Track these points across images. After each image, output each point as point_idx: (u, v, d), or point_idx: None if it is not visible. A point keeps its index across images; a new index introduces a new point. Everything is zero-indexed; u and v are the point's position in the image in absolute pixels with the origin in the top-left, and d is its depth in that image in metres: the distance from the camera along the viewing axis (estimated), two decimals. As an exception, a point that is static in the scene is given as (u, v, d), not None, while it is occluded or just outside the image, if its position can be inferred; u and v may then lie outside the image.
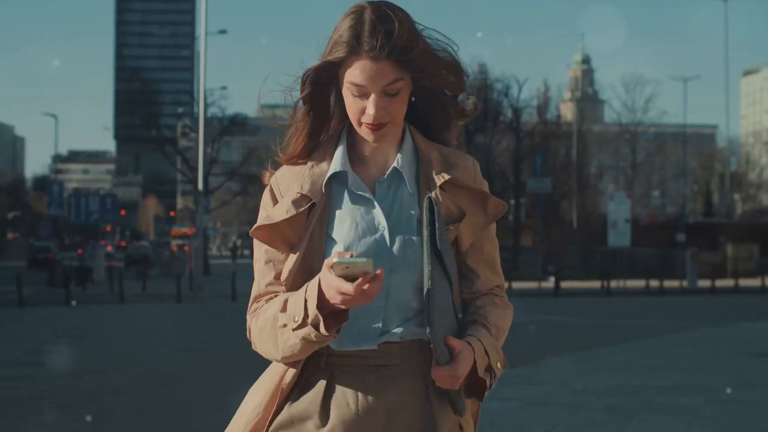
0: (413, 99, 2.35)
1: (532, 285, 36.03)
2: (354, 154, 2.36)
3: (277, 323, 2.23)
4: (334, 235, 2.28)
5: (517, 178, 55.09)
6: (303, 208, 2.27)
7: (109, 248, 57.60)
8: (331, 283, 2.09)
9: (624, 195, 41.84)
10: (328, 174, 2.31)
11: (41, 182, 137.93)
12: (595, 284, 35.91)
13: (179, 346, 15.56)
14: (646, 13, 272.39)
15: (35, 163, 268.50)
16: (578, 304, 27.51)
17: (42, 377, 11.81)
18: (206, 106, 42.39)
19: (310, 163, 2.35)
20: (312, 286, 2.16)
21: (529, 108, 60.37)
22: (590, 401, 9.62)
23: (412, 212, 2.31)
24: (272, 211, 2.32)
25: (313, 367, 2.29)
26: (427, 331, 2.17)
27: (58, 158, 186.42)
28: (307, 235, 2.27)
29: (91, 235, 76.64)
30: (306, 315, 2.15)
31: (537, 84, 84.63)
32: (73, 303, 25.50)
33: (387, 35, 2.20)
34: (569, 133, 66.60)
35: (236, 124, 58.39)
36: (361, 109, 2.26)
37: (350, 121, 2.35)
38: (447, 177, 2.31)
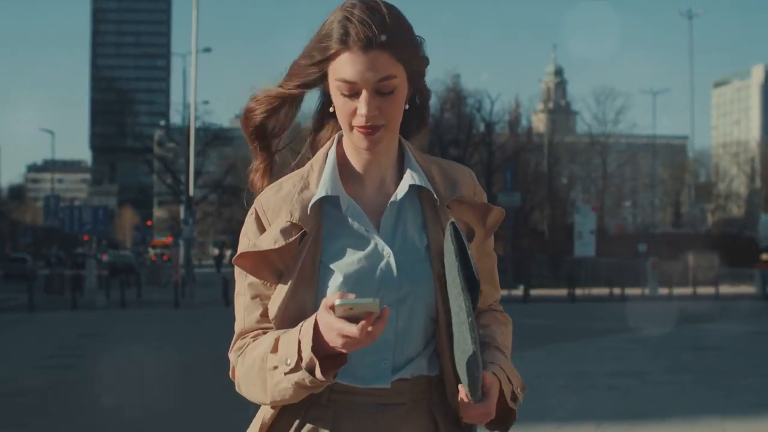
0: (407, 107, 2.15)
1: (503, 292, 38.07)
2: (347, 171, 2.17)
3: (266, 364, 2.04)
4: (332, 265, 2.09)
5: (490, 190, 57.28)
6: (293, 238, 2.08)
7: (104, 256, 59.18)
8: (332, 325, 1.90)
9: (589, 208, 44.14)
10: (314, 199, 2.11)
11: (16, 191, 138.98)
12: (562, 292, 37.99)
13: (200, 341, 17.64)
14: (618, 28, 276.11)
15: (10, 172, 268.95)
16: (544, 309, 29.65)
17: (85, 367, 13.91)
18: (195, 119, 44.64)
19: (299, 186, 2.15)
20: (306, 327, 1.97)
21: (501, 122, 62.70)
22: (544, 382, 11.78)
23: (420, 236, 2.14)
24: (258, 239, 2.12)
25: (312, 403, 2.10)
26: (472, 375, 2.00)
27: (33, 167, 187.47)
28: (297, 266, 2.08)
29: (73, 245, 78.29)
30: (300, 358, 1.96)
31: (510, 96, 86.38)
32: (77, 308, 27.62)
33: (379, 25, 2.04)
34: (541, 145, 68.81)
35: (219, 137, 60.46)
36: (352, 110, 2.07)
37: (341, 134, 2.20)
38: (454, 195, 2.18)
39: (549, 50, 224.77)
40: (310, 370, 1.96)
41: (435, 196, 2.15)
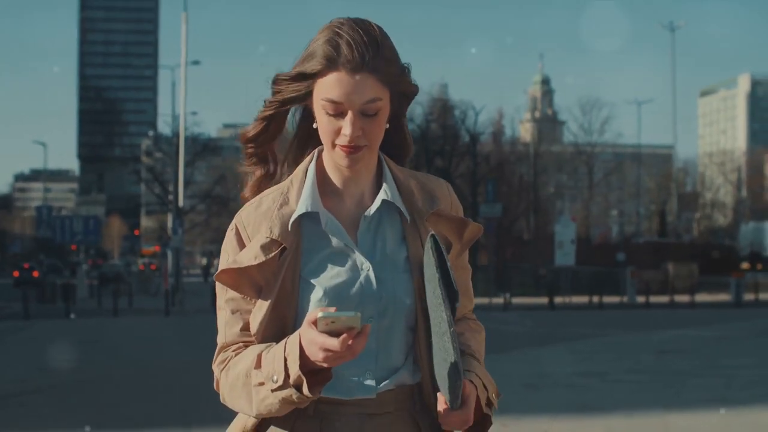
0: (388, 125, 2.17)
1: (484, 300, 39.13)
2: (326, 187, 2.20)
3: (250, 380, 2.08)
4: (312, 280, 2.12)
5: (475, 200, 58.21)
6: (273, 254, 2.11)
7: (100, 261, 60.02)
8: (313, 339, 1.94)
9: (569, 218, 45.21)
10: (295, 215, 2.14)
11: (4, 201, 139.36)
12: (543, 300, 38.89)
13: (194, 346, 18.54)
14: (605, 39, 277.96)
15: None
16: (523, 316, 30.54)
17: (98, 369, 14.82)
18: (185, 129, 45.59)
19: (278, 201, 2.17)
20: (292, 344, 2.01)
21: (486, 133, 63.65)
22: (511, 382, 12.72)
23: (399, 248, 2.18)
24: (239, 255, 2.14)
25: (299, 415, 2.13)
26: (453, 384, 2.03)
27: (20, 177, 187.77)
28: (278, 281, 2.11)
29: (60, 254, 78.92)
30: (287, 375, 2.00)
31: (495, 106, 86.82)
32: (72, 316, 28.51)
33: (368, 48, 2.06)
34: (528, 154, 69.73)
35: (208, 148, 61.33)
36: (335, 129, 2.09)
37: (320, 150, 2.23)
38: (432, 209, 2.21)
39: (536, 60, 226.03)
40: (298, 387, 2.00)
41: (406, 213, 2.19)
